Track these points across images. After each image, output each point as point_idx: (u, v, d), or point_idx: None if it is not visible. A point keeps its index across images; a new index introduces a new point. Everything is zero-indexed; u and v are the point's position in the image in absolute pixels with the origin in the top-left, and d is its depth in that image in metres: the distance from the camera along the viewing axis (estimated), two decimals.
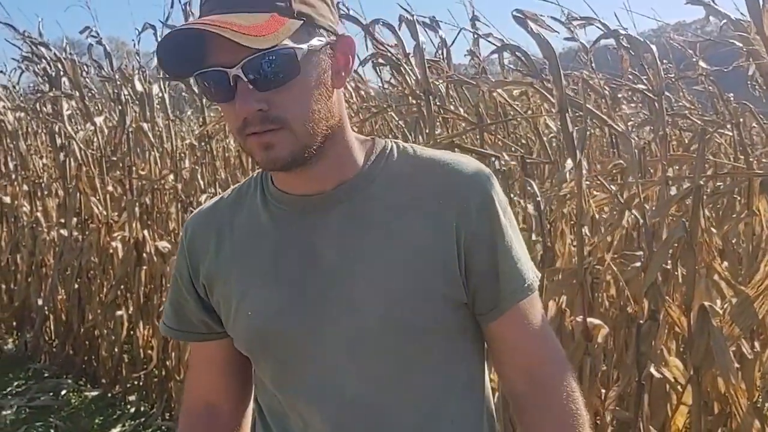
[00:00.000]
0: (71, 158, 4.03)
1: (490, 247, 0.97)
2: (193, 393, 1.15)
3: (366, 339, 0.95)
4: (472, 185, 0.97)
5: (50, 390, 3.90)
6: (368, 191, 0.97)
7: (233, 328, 1.03)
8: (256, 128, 0.87)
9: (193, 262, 1.05)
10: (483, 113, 2.98)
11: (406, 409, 0.98)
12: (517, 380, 1.03)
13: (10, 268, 4.70)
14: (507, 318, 1.00)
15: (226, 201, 1.07)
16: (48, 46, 3.78)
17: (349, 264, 0.95)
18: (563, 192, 2.42)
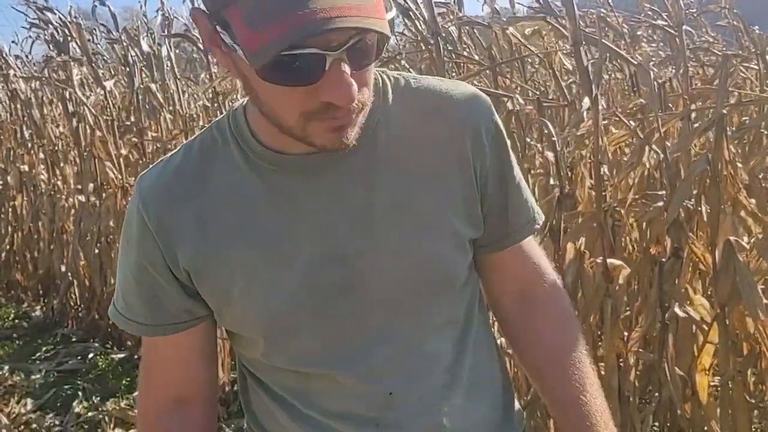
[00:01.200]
0: (84, 124, 4.01)
1: (502, 178, 0.94)
2: (159, 391, 0.97)
3: (401, 298, 0.88)
4: (481, 115, 0.91)
5: (78, 354, 3.96)
6: (375, 140, 0.87)
7: (241, 314, 0.89)
8: (341, 113, 0.75)
9: (166, 247, 0.87)
10: (496, 55, 2.90)
11: (444, 349, 0.94)
12: (514, 302, 1.03)
13: (32, 237, 4.75)
14: (512, 248, 0.98)
15: (189, 162, 0.88)
16: (53, 10, 3.74)
17: (367, 223, 0.86)
18: (580, 132, 2.34)
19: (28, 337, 4.32)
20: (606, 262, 2.01)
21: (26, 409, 3.34)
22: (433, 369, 0.93)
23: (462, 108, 0.90)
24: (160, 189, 0.88)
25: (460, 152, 0.89)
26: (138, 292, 0.91)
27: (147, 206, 0.87)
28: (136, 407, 1.01)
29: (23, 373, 3.73)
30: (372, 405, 0.91)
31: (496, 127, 0.93)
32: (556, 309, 1.03)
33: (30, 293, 4.93)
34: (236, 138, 0.87)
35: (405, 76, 0.92)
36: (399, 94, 0.90)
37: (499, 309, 1.05)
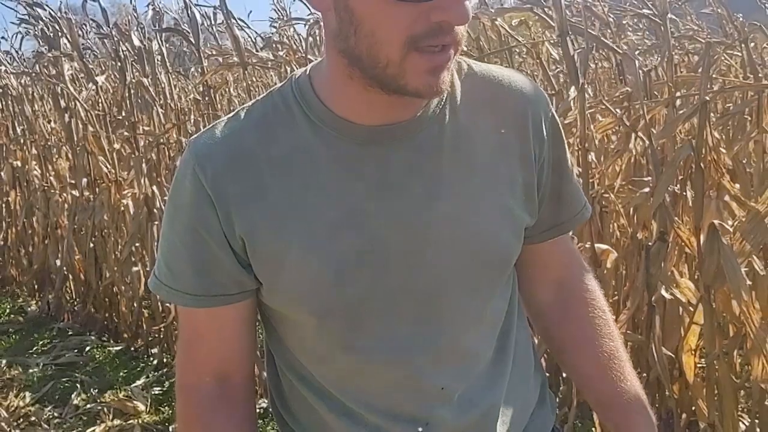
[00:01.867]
0: (76, 119, 4.03)
1: (557, 167, 0.94)
2: (200, 367, 0.94)
3: (458, 281, 0.87)
4: (540, 105, 0.91)
5: (74, 347, 3.99)
6: (443, 118, 0.86)
7: (291, 286, 0.85)
8: (449, 39, 0.73)
9: (224, 212, 0.82)
10: (484, 46, 2.94)
11: (487, 342, 0.94)
12: (548, 291, 1.04)
13: (26, 232, 4.77)
14: (560, 238, 1.00)
15: (249, 127, 0.85)
16: (43, 6, 3.75)
17: (432, 201, 0.84)
18: (567, 121, 2.39)
19: (24, 332, 4.34)
20: (594, 247, 2.07)
21: (25, 402, 3.37)
22: (480, 361, 0.93)
23: (523, 96, 0.90)
24: (220, 151, 0.83)
25: (522, 138, 0.89)
26: (188, 260, 0.86)
27: (204, 168, 0.82)
28: (177, 381, 0.98)
29: (21, 367, 3.76)
30: (423, 401, 0.90)
31: (554, 117, 0.94)
32: (594, 299, 1.04)
33: (25, 288, 4.95)
34: (300, 104, 0.84)
35: (466, 61, 0.91)
36: (463, 77, 0.89)
37: (532, 299, 1.05)
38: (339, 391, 0.91)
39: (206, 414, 0.93)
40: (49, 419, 3.18)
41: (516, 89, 0.90)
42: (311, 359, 0.91)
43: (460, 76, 0.88)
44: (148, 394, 3.29)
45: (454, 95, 0.87)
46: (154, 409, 3.19)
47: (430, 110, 0.84)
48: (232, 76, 3.85)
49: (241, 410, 0.95)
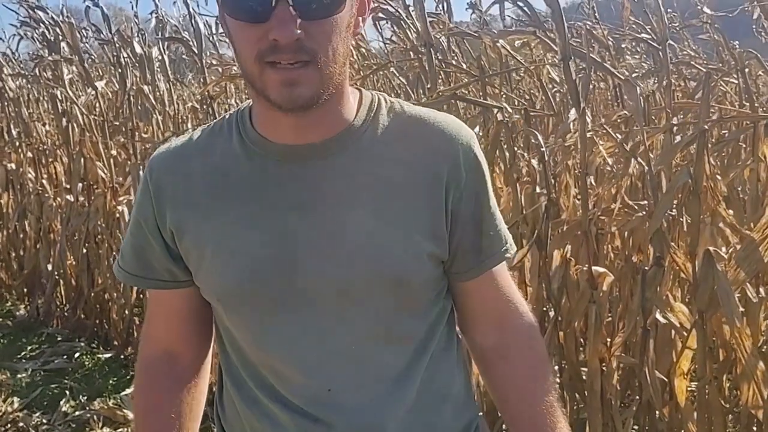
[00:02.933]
0: (74, 123, 4.02)
1: (476, 208, 1.00)
2: (152, 341, 1.10)
3: (352, 292, 0.95)
4: (461, 146, 0.99)
5: (64, 353, 3.96)
6: (358, 145, 0.96)
7: (206, 278, 0.99)
8: (286, 57, 0.83)
9: (159, 206, 0.99)
10: (485, 66, 2.96)
11: (388, 361, 1.00)
12: (487, 334, 1.07)
13: (18, 235, 4.74)
14: (484, 278, 1.04)
15: (196, 142, 1.01)
16: (45, 9, 3.75)
17: (338, 217, 0.94)
18: (567, 143, 2.41)
19: (12, 336, 4.31)
20: (591, 270, 2.08)
21: (13, 407, 3.34)
22: (376, 377, 0.99)
23: (444, 137, 0.98)
24: (166, 157, 1.01)
25: (435, 175, 0.96)
26: (131, 245, 1.04)
27: (152, 170, 1.01)
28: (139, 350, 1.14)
29: (9, 372, 3.73)
30: (312, 398, 0.98)
31: (476, 159, 1.00)
32: (530, 351, 1.07)
33: (14, 292, 4.92)
34: (238, 125, 0.99)
35: (401, 103, 1.02)
36: (391, 115, 0.99)
37: (472, 340, 1.10)
38: (248, 378, 1.02)
39: (149, 386, 1.09)
40: (37, 425, 3.16)
41: (438, 130, 0.99)
42: (232, 349, 1.04)
43: (390, 113, 0.99)
44: None
45: (376, 128, 0.97)
46: None
47: (345, 136, 0.95)
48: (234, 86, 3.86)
49: (184, 390, 1.09)
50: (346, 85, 0.96)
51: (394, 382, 0.99)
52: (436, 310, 1.04)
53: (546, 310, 2.35)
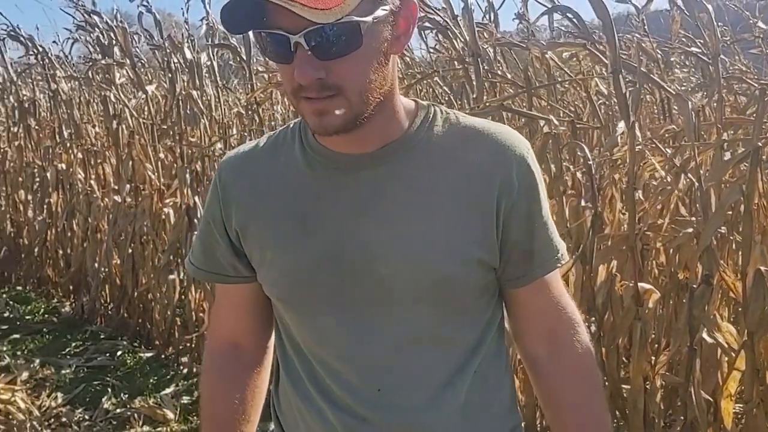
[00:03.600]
0: (123, 126, 4.11)
1: (529, 217, 1.02)
2: (218, 332, 1.17)
3: (401, 295, 0.98)
4: (515, 157, 1.00)
5: (106, 351, 4.04)
6: (411, 155, 0.99)
7: (267, 276, 1.05)
8: (312, 94, 0.88)
9: (226, 207, 1.05)
10: (532, 77, 2.95)
11: (437, 364, 1.02)
12: (536, 344, 1.09)
13: (66, 234, 4.85)
14: (535, 285, 1.05)
15: (262, 148, 1.07)
16: (100, 14, 3.85)
17: (388, 224, 0.97)
18: (615, 156, 2.39)
19: (57, 333, 4.41)
20: (637, 286, 2.05)
21: (56, 402, 3.42)
22: (425, 379, 1.01)
23: (498, 147, 1.00)
24: (234, 161, 1.08)
25: (488, 184, 0.98)
26: (200, 241, 1.12)
27: (221, 172, 1.08)
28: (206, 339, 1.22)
29: (53, 368, 3.82)
30: (361, 398, 1.01)
31: (529, 168, 1.01)
32: (581, 363, 1.08)
33: (60, 289, 5.03)
34: (301, 133, 1.04)
35: (456, 113, 1.04)
36: (446, 125, 1.02)
37: (524, 349, 1.11)
38: (304, 374, 1.06)
39: (215, 373, 1.16)
40: (79, 421, 3.22)
41: (492, 139, 1.00)
42: (290, 343, 1.08)
43: (445, 123, 1.02)
44: (177, 403, 3.32)
45: (430, 137, 1.00)
46: (182, 418, 3.21)
47: (399, 145, 0.99)
48: (279, 93, 3.91)
49: (248, 379, 1.15)
50: (394, 98, 0.98)
51: (442, 386, 1.01)
52: (487, 316, 1.06)
53: (588, 325, 2.32)
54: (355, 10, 0.84)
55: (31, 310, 4.87)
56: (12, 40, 4.72)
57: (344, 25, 0.83)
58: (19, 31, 4.68)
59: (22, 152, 5.31)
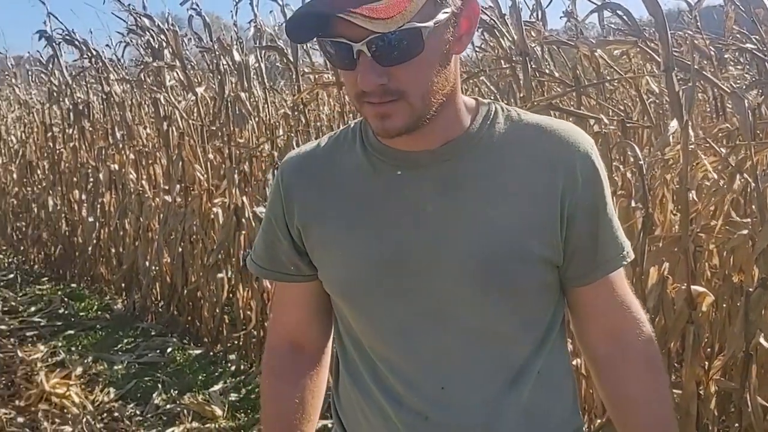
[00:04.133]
0: (174, 127, 4.19)
1: (593, 215, 1.00)
2: (278, 331, 1.18)
3: (463, 293, 0.98)
4: (578, 153, 0.99)
5: (157, 347, 4.13)
6: (473, 152, 0.99)
7: (329, 274, 1.06)
8: (375, 99, 0.89)
9: (288, 206, 1.07)
10: (581, 75, 2.91)
11: (500, 363, 1.01)
12: (600, 343, 1.07)
13: (118, 233, 4.97)
14: (599, 284, 1.04)
15: (323, 148, 1.08)
16: (151, 17, 3.93)
17: (449, 221, 0.97)
18: (667, 156, 2.33)
19: (109, 329, 4.52)
20: (690, 289, 2.01)
21: (109, 397, 3.50)
22: (489, 378, 1.01)
23: (561, 144, 0.99)
24: (296, 160, 1.09)
25: (551, 182, 0.97)
26: (262, 239, 1.13)
27: (283, 172, 1.09)
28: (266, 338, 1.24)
29: (106, 363, 3.92)
30: (424, 396, 1.01)
31: (593, 166, 1.00)
32: (645, 364, 1.06)
33: (113, 287, 5.16)
34: (362, 133, 1.05)
35: (518, 111, 1.04)
36: (507, 122, 1.01)
37: (587, 349, 1.10)
38: (364, 370, 1.07)
39: (276, 373, 1.16)
40: (131, 416, 3.29)
41: (555, 136, 0.99)
42: (350, 341, 1.09)
43: (506, 120, 1.01)
44: (225, 400, 3.37)
45: (492, 135, 1.00)
46: (230, 415, 3.26)
47: (461, 142, 0.99)
48: (326, 94, 3.94)
49: (307, 378, 1.15)
50: (457, 97, 0.98)
51: (506, 385, 1.01)
52: (549, 314, 1.05)
53: None
54: (416, 16, 0.84)
55: (84, 306, 5.01)
56: (67, 44, 4.85)
57: (406, 31, 0.84)
58: (74, 36, 4.80)
59: (76, 153, 5.46)
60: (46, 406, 3.34)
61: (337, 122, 4.79)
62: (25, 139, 6.99)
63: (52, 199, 5.79)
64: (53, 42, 4.94)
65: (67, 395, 3.41)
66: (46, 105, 6.31)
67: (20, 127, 7.52)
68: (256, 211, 3.63)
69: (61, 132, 5.89)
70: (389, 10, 0.82)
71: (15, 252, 6.71)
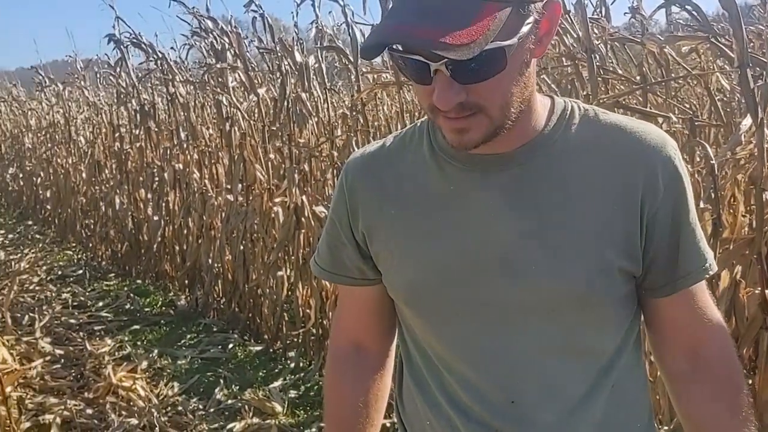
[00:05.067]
0: (236, 128, 4.27)
1: (674, 223, 0.95)
2: (341, 334, 1.16)
3: (537, 304, 0.93)
4: (660, 156, 0.93)
5: (218, 343, 4.22)
6: (548, 155, 0.94)
7: (394, 279, 1.02)
8: (452, 114, 0.85)
9: (353, 208, 1.03)
10: (647, 73, 2.84)
11: (573, 376, 0.97)
12: (680, 358, 1.01)
13: (182, 231, 5.09)
14: (679, 296, 0.98)
15: (388, 148, 1.04)
16: (215, 20, 4.01)
17: (525, 227, 0.92)
18: (738, 156, 2.25)
19: (173, 324, 4.64)
20: (764, 293, 1.93)
21: (173, 391, 3.59)
22: (562, 393, 0.96)
23: (642, 146, 0.93)
24: (360, 162, 1.06)
25: (630, 187, 0.92)
26: (326, 242, 1.11)
27: (347, 173, 1.06)
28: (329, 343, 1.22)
29: (170, 358, 4.02)
30: (494, 409, 0.97)
31: (676, 170, 0.93)
32: (727, 381, 1.00)
33: (176, 283, 5.29)
34: (429, 133, 1.01)
35: (596, 110, 0.98)
36: (584, 123, 0.96)
37: (664, 364, 1.04)
38: (431, 381, 1.03)
39: (339, 375, 1.15)
40: (194, 410, 3.36)
41: (635, 138, 0.94)
42: (416, 347, 1.06)
43: (582, 121, 0.96)
44: (285, 397, 3.41)
45: (568, 136, 0.95)
46: (290, 412, 3.30)
47: (535, 144, 0.94)
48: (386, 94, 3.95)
49: (371, 381, 1.14)
50: (534, 98, 0.93)
51: (579, 400, 0.96)
52: (625, 327, 0.99)
53: None
54: (500, 33, 0.78)
55: (149, 302, 5.15)
56: (134, 47, 4.99)
57: (489, 51, 0.78)
58: (141, 39, 4.94)
59: (142, 153, 5.62)
60: (114, 399, 3.44)
61: (395, 122, 4.81)
62: (93, 140, 7.23)
63: (119, 198, 5.97)
64: (121, 45, 5.08)
65: (133, 388, 3.51)
66: (113, 106, 6.51)
67: (89, 127, 7.80)
68: (315, 211, 3.66)
69: (128, 132, 6.07)
70: (472, 34, 0.76)
71: (84, 249, 6.95)
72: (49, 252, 7.12)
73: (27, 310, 4.96)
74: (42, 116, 9.42)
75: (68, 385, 3.69)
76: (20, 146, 9.93)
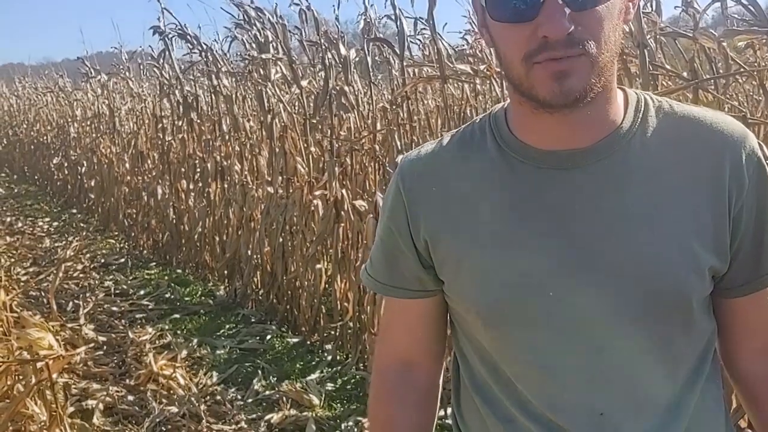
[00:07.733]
0: (277, 120, 4.28)
1: (759, 218, 0.90)
2: (390, 350, 1.08)
3: (624, 309, 0.87)
4: (744, 147, 0.88)
5: (256, 334, 4.25)
6: (627, 149, 0.88)
7: (461, 291, 0.95)
8: (558, 53, 0.79)
9: (413, 214, 0.96)
10: (698, 68, 2.76)
11: (663, 386, 0.91)
12: (756, 361, 0.96)
13: (223, 222, 5.14)
14: (759, 296, 0.93)
15: (447, 148, 0.98)
16: (261, 10, 4.02)
17: (607, 228, 0.87)
18: None
19: (212, 314, 4.69)
20: None
21: (212, 381, 3.63)
22: (651, 404, 0.91)
23: (725, 138, 0.89)
24: (419, 162, 0.99)
25: (717, 179, 0.87)
26: (382, 252, 1.02)
27: (404, 176, 0.98)
28: (374, 361, 1.13)
29: (209, 347, 4.06)
30: (581, 421, 0.90)
31: (760, 162, 0.89)
32: None
33: (216, 274, 5.35)
34: (493, 131, 0.95)
35: (670, 102, 0.93)
36: (660, 115, 0.91)
37: (736, 368, 0.99)
38: (503, 396, 0.96)
39: (389, 397, 1.07)
40: (232, 400, 3.39)
41: (716, 130, 0.89)
42: (482, 362, 0.98)
43: (658, 114, 0.91)
44: (322, 389, 3.42)
45: (645, 130, 0.89)
46: (327, 404, 3.31)
47: (612, 140, 0.88)
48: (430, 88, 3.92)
49: (419, 399, 1.06)
50: (614, 82, 0.88)
51: (667, 412, 0.91)
52: (710, 330, 0.94)
53: None
54: None
55: (189, 292, 5.22)
56: (180, 39, 5.04)
57: None
58: (187, 30, 4.99)
59: (185, 144, 5.68)
60: (154, 386, 3.49)
61: (435, 116, 4.77)
62: (136, 131, 7.35)
63: (161, 188, 6.05)
64: (166, 37, 5.14)
65: (173, 377, 3.55)
66: (156, 98, 6.60)
67: (132, 118, 7.92)
68: (355, 204, 3.66)
69: (171, 124, 6.14)
70: None
71: (126, 238, 7.07)
72: (92, 240, 7.26)
73: (71, 297, 5.06)
74: (87, 107, 9.59)
75: (110, 371, 3.76)
76: (65, 136, 10.13)
